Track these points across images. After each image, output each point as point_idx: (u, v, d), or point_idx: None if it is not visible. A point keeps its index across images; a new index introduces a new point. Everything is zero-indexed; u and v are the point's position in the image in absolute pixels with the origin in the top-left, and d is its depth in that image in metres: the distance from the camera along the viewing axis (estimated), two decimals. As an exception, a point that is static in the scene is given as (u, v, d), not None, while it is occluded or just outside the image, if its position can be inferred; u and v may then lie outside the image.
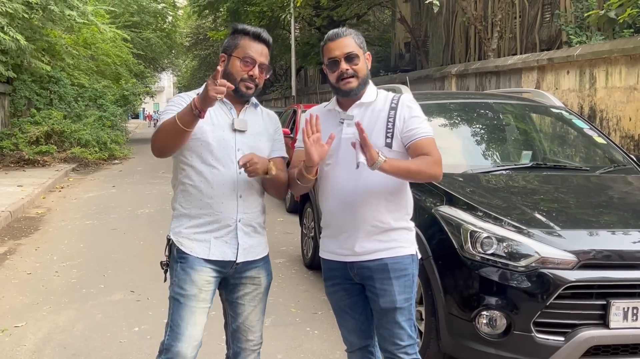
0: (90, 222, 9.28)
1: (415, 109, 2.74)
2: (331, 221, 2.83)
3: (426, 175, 2.67)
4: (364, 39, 2.81)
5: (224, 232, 2.72)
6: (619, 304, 3.20)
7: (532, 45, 16.21)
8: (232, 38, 2.76)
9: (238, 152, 2.70)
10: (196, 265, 2.69)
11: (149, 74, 39.13)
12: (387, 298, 2.72)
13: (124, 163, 19.23)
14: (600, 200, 3.94)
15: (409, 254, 2.76)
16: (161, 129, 2.59)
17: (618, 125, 8.62)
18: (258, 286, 2.84)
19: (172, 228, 2.78)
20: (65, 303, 5.47)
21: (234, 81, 2.64)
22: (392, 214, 2.73)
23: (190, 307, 2.69)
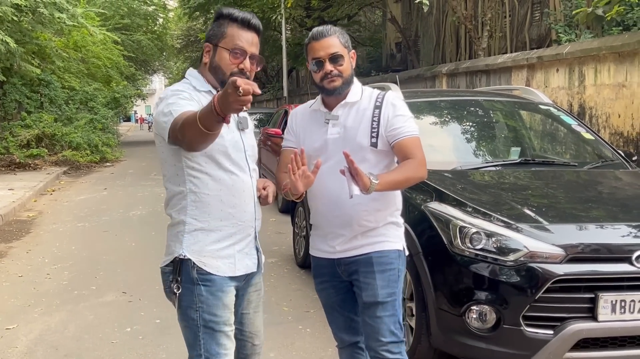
0: (81, 225, 9.26)
1: (399, 107, 2.73)
2: (319, 220, 2.85)
3: (414, 180, 2.69)
4: (348, 37, 2.79)
5: (245, 243, 2.50)
6: (607, 297, 3.22)
7: (522, 44, 16.27)
8: (217, 25, 2.44)
9: (247, 153, 2.50)
10: (224, 286, 2.42)
11: (140, 77, 39.08)
12: (370, 291, 2.73)
13: (115, 165, 19.18)
14: (588, 194, 3.97)
15: (395, 249, 2.78)
16: (185, 126, 2.14)
17: (607, 122, 8.67)
18: (259, 291, 2.70)
19: (185, 247, 2.40)
20: (57, 305, 5.46)
21: (222, 75, 2.41)
22: (381, 212, 2.75)
23: (225, 333, 2.44)
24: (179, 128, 2.18)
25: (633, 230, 3.42)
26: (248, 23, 2.43)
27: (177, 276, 2.41)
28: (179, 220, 2.43)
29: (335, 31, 2.74)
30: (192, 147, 2.24)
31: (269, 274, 6.20)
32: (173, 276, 2.42)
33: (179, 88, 2.41)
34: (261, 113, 16.55)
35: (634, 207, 3.73)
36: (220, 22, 2.44)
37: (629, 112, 8.30)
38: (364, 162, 2.63)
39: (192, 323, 2.42)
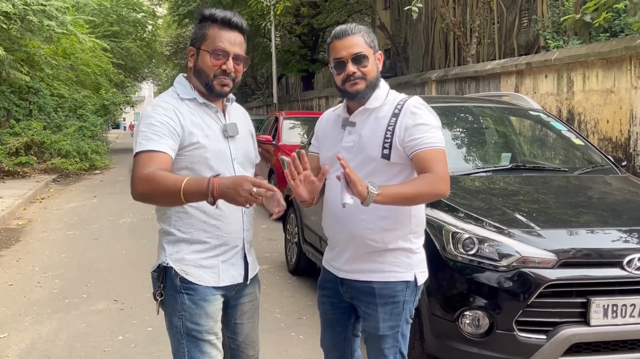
0: (71, 232, 9.21)
1: (421, 115, 2.44)
2: (327, 232, 2.72)
3: (428, 197, 2.39)
4: (375, 37, 2.57)
5: (231, 254, 2.45)
6: (599, 301, 3.24)
7: (510, 51, 16.38)
8: (199, 27, 2.38)
9: (235, 162, 2.44)
10: (208, 295, 2.39)
11: (129, 84, 38.97)
12: (371, 323, 2.59)
13: (105, 173, 19.10)
14: (579, 200, 4.00)
15: (402, 280, 2.53)
16: (156, 186, 2.13)
17: (596, 127, 8.73)
18: (255, 301, 2.65)
19: (168, 255, 2.39)
20: (48, 314, 5.43)
21: (206, 78, 2.35)
22: (390, 233, 2.49)
23: (208, 341, 2.42)
24: (150, 186, 2.14)
25: (623, 234, 3.46)
26: (229, 22, 2.36)
27: (161, 283, 2.41)
28: (164, 229, 2.44)
29: (360, 29, 2.53)
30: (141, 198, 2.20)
31: (261, 281, 6.15)
32: (158, 282, 2.42)
33: (161, 104, 2.35)
34: (252, 120, 16.53)
35: (624, 212, 3.77)
36: (202, 24, 2.39)
37: (617, 117, 8.37)
38: (374, 175, 2.43)
39: (176, 330, 2.42)
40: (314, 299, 5.66)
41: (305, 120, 12.08)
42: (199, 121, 2.36)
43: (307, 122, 11.89)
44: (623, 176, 4.48)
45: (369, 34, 2.54)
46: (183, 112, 2.34)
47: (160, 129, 2.26)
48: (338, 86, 2.56)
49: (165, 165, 2.22)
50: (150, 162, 2.19)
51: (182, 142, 2.30)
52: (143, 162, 2.20)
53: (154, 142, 2.23)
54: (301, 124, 11.71)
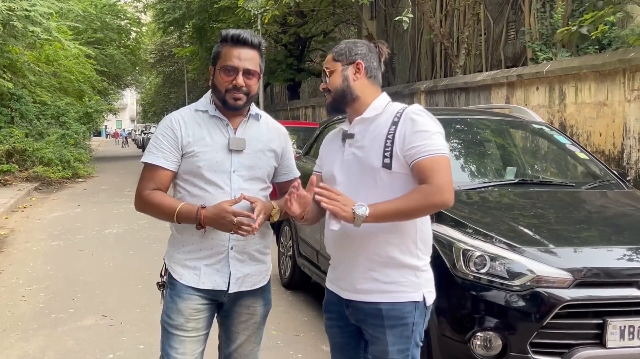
0: (56, 243, 8.99)
1: (421, 122, 2.32)
2: (329, 251, 2.59)
3: (427, 209, 2.29)
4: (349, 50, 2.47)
5: (216, 260, 2.52)
6: (615, 323, 3.14)
7: (497, 62, 16.39)
8: (216, 47, 2.55)
9: (234, 174, 2.50)
10: (184, 293, 2.53)
11: (112, 91, 38.64)
12: (379, 347, 2.44)
13: (88, 181, 18.83)
14: (591, 217, 3.90)
15: (411, 301, 2.39)
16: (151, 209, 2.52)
17: (588, 140, 8.69)
18: (253, 316, 2.65)
19: (167, 251, 2.66)
20: (34, 329, 5.23)
21: (219, 93, 2.50)
22: (397, 247, 2.37)
23: (177, 336, 2.54)
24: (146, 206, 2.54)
25: (639, 253, 3.36)
26: (238, 39, 2.49)
27: (162, 275, 2.68)
28: (170, 229, 2.65)
29: (335, 47, 2.54)
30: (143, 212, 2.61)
31: (254, 295, 6.03)
32: (161, 275, 2.69)
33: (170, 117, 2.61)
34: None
35: (638, 230, 3.67)
36: (219, 44, 2.54)
37: (610, 130, 8.34)
38: (377, 186, 2.35)
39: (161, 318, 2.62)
40: (309, 316, 5.51)
41: (295, 129, 11.94)
42: (203, 132, 2.52)
43: (297, 132, 11.76)
44: (630, 191, 4.39)
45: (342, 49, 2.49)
46: (188, 123, 2.54)
47: (162, 142, 2.53)
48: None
49: (163, 180, 2.52)
50: (150, 180, 2.52)
51: (182, 150, 2.51)
52: (144, 178, 2.54)
53: (153, 155, 2.52)
54: (291, 133, 11.57)
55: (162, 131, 2.54)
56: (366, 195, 2.33)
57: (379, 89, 2.52)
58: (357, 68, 2.46)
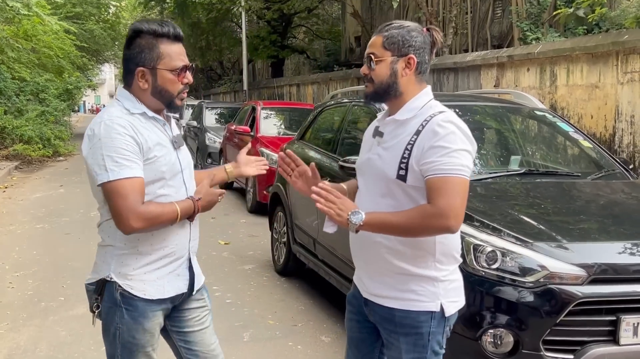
0: (41, 226, 8.81)
1: (443, 136, 2.13)
2: (351, 248, 2.49)
3: (425, 232, 2.16)
4: (403, 39, 2.25)
5: (176, 265, 2.43)
6: (629, 319, 3.11)
7: (483, 41, 16.30)
8: (146, 46, 2.28)
9: (184, 173, 2.43)
10: (148, 312, 2.38)
11: (91, 66, 37.98)
12: (393, 353, 2.37)
13: (69, 160, 18.54)
14: (601, 210, 3.84)
15: (426, 310, 2.26)
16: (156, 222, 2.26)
17: (579, 122, 8.66)
18: (204, 307, 2.59)
19: (113, 269, 2.34)
20: (24, 319, 5.10)
21: (170, 97, 2.33)
22: (410, 260, 2.25)
23: (145, 353, 2.44)
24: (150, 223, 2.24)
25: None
26: (178, 36, 2.33)
27: (97, 295, 2.40)
28: (108, 243, 2.38)
29: (387, 30, 2.29)
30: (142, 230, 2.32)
31: (248, 283, 5.95)
32: (95, 294, 2.41)
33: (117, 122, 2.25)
34: (222, 108, 16.19)
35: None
36: (147, 41, 2.28)
37: (601, 113, 8.31)
38: (389, 197, 2.24)
39: (112, 338, 2.42)
40: (306, 304, 5.44)
41: (284, 110, 11.79)
42: (152, 135, 2.33)
43: (285, 113, 11.61)
44: (636, 181, 4.34)
45: (394, 36, 2.26)
46: (137, 127, 2.28)
47: (126, 152, 2.21)
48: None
49: (140, 189, 2.24)
50: (137, 193, 2.21)
51: (144, 156, 2.28)
52: (129, 194, 2.19)
53: (127, 168, 2.20)
54: (280, 115, 11.43)
55: (120, 140, 2.21)
56: (382, 201, 2.25)
57: (424, 84, 2.34)
58: (408, 62, 2.26)
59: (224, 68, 35.97)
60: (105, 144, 2.20)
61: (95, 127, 2.28)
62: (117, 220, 2.22)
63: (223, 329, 4.70)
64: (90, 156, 2.25)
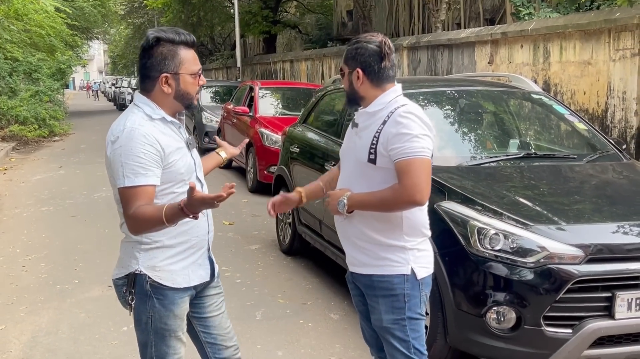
0: (46, 209, 8.97)
1: (406, 124, 2.54)
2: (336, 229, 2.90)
3: (397, 207, 2.58)
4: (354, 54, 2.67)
5: (198, 256, 2.64)
6: (623, 295, 3.31)
7: (475, 15, 16.40)
8: (168, 53, 2.46)
9: (197, 171, 2.64)
10: (176, 299, 2.59)
11: (81, 43, 37.73)
12: (376, 315, 2.74)
13: (65, 140, 18.63)
14: (598, 191, 4.04)
15: (399, 273, 2.65)
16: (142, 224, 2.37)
17: (572, 99, 8.84)
18: (220, 293, 2.83)
19: (142, 263, 2.53)
20: (42, 302, 5.29)
21: (190, 99, 2.54)
22: (381, 232, 2.66)
23: (176, 337, 2.65)
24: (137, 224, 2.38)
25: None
26: (192, 43, 2.53)
27: (131, 289, 2.57)
28: (135, 239, 2.55)
29: (347, 47, 2.76)
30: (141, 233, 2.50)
31: (255, 263, 6.16)
32: (127, 288, 2.58)
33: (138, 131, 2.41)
34: (218, 87, 16.25)
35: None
36: (168, 48, 2.46)
37: (594, 89, 8.49)
38: (363, 178, 2.67)
39: (145, 327, 2.60)
40: (313, 283, 5.66)
41: (282, 90, 11.89)
42: (170, 139, 2.51)
43: (283, 92, 11.70)
44: (629, 162, 4.54)
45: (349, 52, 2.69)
46: (157, 134, 2.45)
47: (145, 161, 2.39)
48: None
49: (150, 196, 2.40)
50: (140, 200, 2.37)
51: (163, 162, 2.46)
52: (131, 201, 2.37)
53: (142, 176, 2.38)
54: (277, 94, 11.53)
55: (140, 149, 2.39)
56: (357, 183, 2.68)
57: (388, 85, 2.70)
58: (357, 77, 2.68)
59: (215, 43, 35.84)
60: (125, 152, 2.39)
61: (117, 132, 2.44)
62: (126, 223, 2.44)
63: (236, 308, 4.91)
64: (111, 159, 2.44)
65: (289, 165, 6.21)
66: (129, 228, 2.44)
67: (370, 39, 2.68)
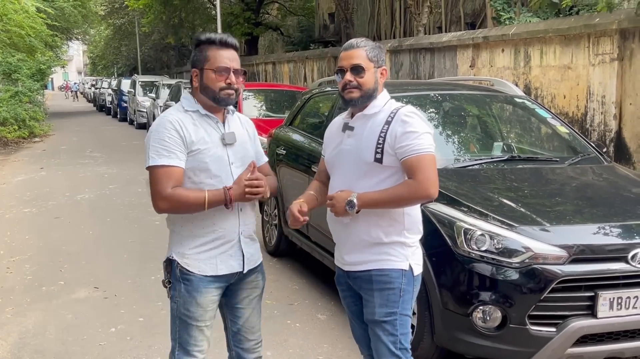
0: (28, 210, 8.93)
1: (411, 123, 2.68)
2: (331, 229, 2.95)
3: (412, 200, 2.69)
4: (381, 53, 2.83)
5: (229, 246, 2.77)
6: (605, 295, 3.40)
7: (456, 19, 16.53)
8: (198, 51, 2.74)
9: (232, 166, 2.76)
10: (201, 287, 2.75)
11: (60, 44, 37.42)
12: (369, 309, 2.80)
13: (45, 141, 18.51)
14: (581, 194, 4.13)
15: (398, 268, 2.75)
16: (178, 205, 2.64)
17: (553, 102, 8.98)
18: (256, 289, 2.94)
19: (173, 249, 2.79)
20: (28, 303, 5.29)
21: (212, 93, 2.70)
22: (384, 229, 2.75)
23: (197, 326, 2.80)
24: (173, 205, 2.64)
25: (627, 229, 3.62)
26: (226, 43, 2.72)
27: (166, 272, 2.82)
28: (171, 228, 2.83)
29: (365, 44, 2.80)
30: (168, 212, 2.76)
31: (241, 263, 6.17)
32: (165, 271, 2.83)
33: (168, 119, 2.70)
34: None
35: (624, 206, 3.92)
36: (201, 47, 2.73)
37: (574, 93, 8.63)
38: (367, 177, 2.73)
39: (172, 312, 2.82)
40: (300, 284, 5.70)
41: (265, 92, 11.92)
42: (200, 130, 2.72)
43: (267, 94, 11.73)
44: (609, 165, 4.65)
45: (373, 50, 2.79)
46: (186, 123, 2.70)
47: (169, 144, 2.65)
48: (339, 91, 2.85)
49: (179, 177, 2.66)
50: (168, 179, 2.63)
51: (187, 148, 2.68)
52: (161, 180, 2.63)
53: (165, 157, 2.64)
54: (261, 96, 11.55)
55: (165, 133, 2.65)
56: (359, 183, 2.73)
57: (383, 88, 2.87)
58: (382, 73, 2.83)
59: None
60: (153, 136, 2.67)
61: (155, 122, 2.76)
62: (152, 201, 2.67)
63: (223, 309, 4.95)
64: (147, 145, 2.71)
65: (276, 166, 6.25)
66: (158, 207, 2.65)
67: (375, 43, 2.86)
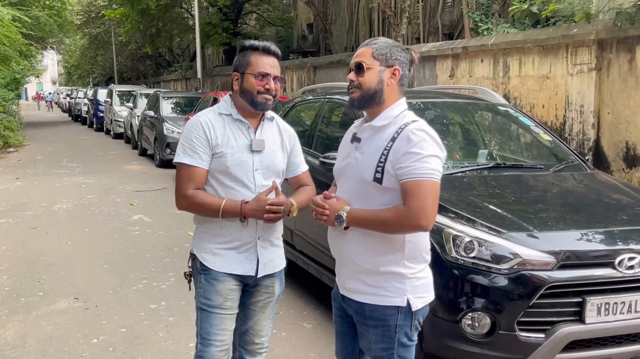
0: (4, 221, 8.77)
1: (417, 142, 2.35)
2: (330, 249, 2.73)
3: (399, 230, 2.40)
4: (390, 52, 2.49)
5: (244, 249, 2.84)
6: (593, 301, 3.41)
7: (434, 30, 16.65)
8: (241, 55, 2.83)
9: (256, 172, 2.81)
10: (219, 276, 2.83)
11: (35, 53, 37.04)
12: (364, 342, 2.62)
13: (20, 151, 18.23)
14: (567, 201, 4.15)
15: (393, 305, 2.47)
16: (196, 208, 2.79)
17: (531, 112, 9.07)
18: (271, 295, 2.99)
19: (194, 244, 2.93)
20: (7, 315, 5.17)
21: (251, 96, 2.77)
22: (379, 257, 2.47)
23: (218, 315, 2.85)
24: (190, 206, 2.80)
25: (613, 236, 3.65)
26: (268, 50, 2.81)
27: (189, 266, 2.97)
28: (195, 223, 2.94)
29: (376, 42, 2.53)
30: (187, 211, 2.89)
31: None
32: (189, 264, 2.97)
33: (199, 120, 2.81)
34: (179, 97, 16.17)
35: (610, 213, 3.96)
36: (244, 52, 2.83)
37: (552, 102, 8.73)
38: (365, 198, 2.47)
39: (196, 303, 2.91)
40: (285, 293, 5.55)
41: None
42: (228, 134, 2.80)
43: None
44: (592, 173, 4.69)
45: (384, 48, 2.50)
46: (216, 126, 2.80)
47: (195, 144, 2.77)
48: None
49: (201, 179, 2.79)
50: (190, 180, 2.77)
51: (212, 150, 2.78)
52: (183, 179, 2.79)
53: (189, 156, 2.77)
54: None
55: (194, 134, 2.77)
56: (357, 201, 2.49)
57: (402, 96, 2.57)
58: (393, 73, 2.50)
59: (173, 54, 35.60)
60: (184, 134, 2.82)
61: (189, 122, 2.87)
62: (176, 198, 2.83)
63: (207, 319, 4.88)
64: (179, 142, 2.84)
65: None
66: (178, 203, 2.81)
67: (399, 43, 2.59)
